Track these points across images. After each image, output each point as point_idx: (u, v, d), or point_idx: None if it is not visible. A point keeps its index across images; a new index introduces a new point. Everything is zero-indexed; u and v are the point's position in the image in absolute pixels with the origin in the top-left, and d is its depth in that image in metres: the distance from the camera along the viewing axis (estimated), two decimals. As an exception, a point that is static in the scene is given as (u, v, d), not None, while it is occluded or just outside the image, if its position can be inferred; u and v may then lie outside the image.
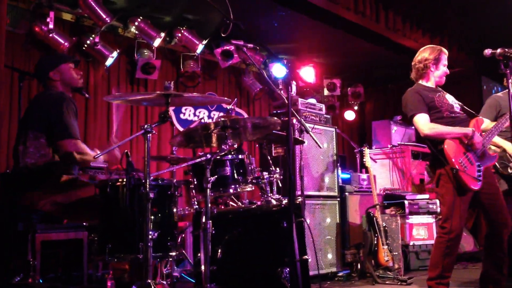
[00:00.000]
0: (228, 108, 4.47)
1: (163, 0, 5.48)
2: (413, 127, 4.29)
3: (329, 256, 4.79)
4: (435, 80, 3.62)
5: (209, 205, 2.79)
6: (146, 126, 2.45)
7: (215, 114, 6.75)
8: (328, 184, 4.97)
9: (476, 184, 3.28)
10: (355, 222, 5.18)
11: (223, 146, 2.99)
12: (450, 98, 3.60)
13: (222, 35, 2.76)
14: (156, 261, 3.26)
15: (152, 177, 2.66)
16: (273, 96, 7.19)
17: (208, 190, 2.78)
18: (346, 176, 5.52)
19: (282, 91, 6.59)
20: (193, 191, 3.37)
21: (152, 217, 2.56)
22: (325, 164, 4.98)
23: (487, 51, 3.64)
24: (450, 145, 3.31)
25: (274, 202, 3.25)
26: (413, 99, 3.51)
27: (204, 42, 6.03)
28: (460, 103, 3.70)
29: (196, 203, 3.44)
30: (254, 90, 7.10)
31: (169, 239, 2.79)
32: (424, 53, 3.63)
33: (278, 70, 6.98)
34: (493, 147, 4.25)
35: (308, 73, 7.51)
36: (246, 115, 7.12)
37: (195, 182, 3.29)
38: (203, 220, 2.77)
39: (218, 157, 3.23)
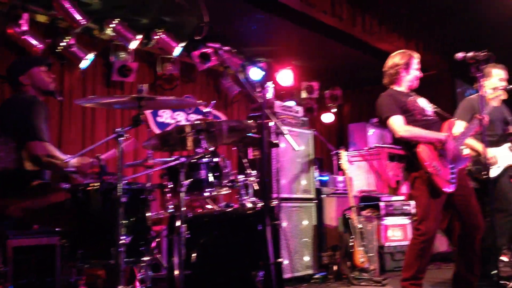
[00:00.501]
0: (206, 111, 4.46)
1: (139, 2, 5.44)
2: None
3: (306, 258, 4.81)
4: (407, 84, 3.67)
5: (184, 208, 2.78)
6: (118, 129, 2.43)
7: (193, 117, 6.73)
8: (305, 187, 4.99)
9: (449, 186, 3.34)
10: (332, 224, 5.22)
11: (197, 150, 2.99)
12: (422, 102, 3.66)
13: (196, 37, 2.74)
14: (132, 266, 3.23)
15: (125, 181, 2.64)
16: (251, 99, 7.20)
17: (182, 193, 2.77)
18: (323, 178, 5.56)
19: (259, 94, 6.63)
20: (168, 194, 3.35)
21: (125, 221, 2.52)
22: (302, 167, 5.00)
23: (459, 55, 3.71)
24: (424, 148, 3.36)
25: (249, 205, 3.25)
26: (386, 102, 3.56)
27: (182, 44, 6.00)
28: (434, 106, 3.76)
29: (171, 207, 3.42)
30: (232, 92, 7.11)
31: (142, 244, 2.77)
32: (394, 59, 3.68)
33: (256, 72, 6.99)
34: (467, 150, 4.31)
35: (286, 76, 7.55)
36: (224, 118, 7.11)
37: (170, 186, 3.27)
38: (178, 224, 2.77)
39: (193, 160, 3.23)
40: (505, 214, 4.14)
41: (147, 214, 2.86)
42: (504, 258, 5.16)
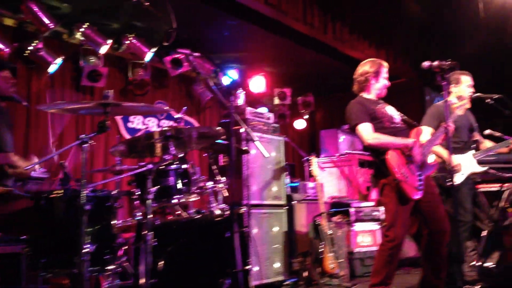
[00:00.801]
0: (177, 117, 4.44)
1: (110, 7, 5.38)
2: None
3: (276, 264, 4.81)
4: (376, 92, 3.73)
5: (150, 216, 2.75)
6: (82, 136, 2.39)
7: (165, 123, 6.68)
8: (275, 193, 4.99)
9: (417, 193, 3.39)
10: (303, 230, 5.24)
11: (165, 156, 2.97)
12: (390, 109, 3.72)
13: (164, 43, 2.73)
14: (98, 275, 3.18)
15: (90, 189, 2.60)
16: (223, 105, 7.20)
17: (149, 201, 2.74)
18: (294, 184, 5.58)
19: (230, 100, 6.64)
20: (136, 202, 3.31)
21: (89, 229, 2.48)
22: (273, 173, 5.00)
23: (425, 64, 3.79)
24: (392, 155, 3.41)
25: (217, 212, 3.24)
26: (356, 109, 3.60)
27: (153, 50, 5.96)
28: (401, 114, 3.82)
29: (139, 214, 3.38)
30: (204, 98, 7.09)
31: (107, 252, 2.73)
32: (364, 67, 3.74)
33: (228, 79, 7.01)
34: (434, 157, 4.38)
35: (258, 82, 7.58)
36: (196, 124, 7.09)
37: (138, 193, 3.24)
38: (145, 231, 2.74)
39: (161, 167, 3.21)
40: (460, 223, 4.22)
41: (112, 222, 2.81)
42: (475, 263, 5.26)
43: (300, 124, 8.69)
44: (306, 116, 8.72)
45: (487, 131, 4.75)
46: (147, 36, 5.81)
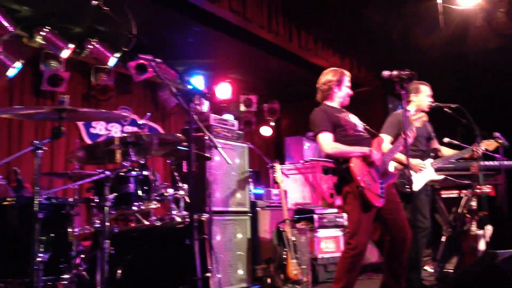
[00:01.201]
0: (141, 123, 4.39)
1: (72, 11, 5.29)
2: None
3: (240, 271, 4.79)
4: (339, 100, 3.79)
5: (108, 224, 2.71)
6: (36, 142, 2.34)
7: (129, 129, 6.59)
8: (239, 200, 4.98)
9: (379, 201, 3.45)
10: (266, 237, 5.24)
11: (124, 163, 2.93)
12: (353, 118, 3.78)
13: (124, 49, 2.70)
14: (53, 284, 3.09)
15: (45, 196, 2.54)
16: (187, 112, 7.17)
17: (106, 208, 2.70)
18: (258, 191, 5.59)
19: (195, 107, 6.62)
20: (95, 209, 3.25)
21: (43, 238, 2.42)
22: (237, 180, 5.00)
23: (385, 73, 3.87)
24: (356, 163, 3.45)
25: (178, 219, 3.21)
26: (319, 117, 3.64)
27: (117, 54, 5.89)
28: (363, 123, 3.88)
29: (97, 221, 3.32)
30: (170, 105, 7.04)
31: (62, 261, 2.66)
32: (327, 76, 3.79)
33: (194, 85, 6.99)
34: (394, 164, 4.47)
35: (224, 89, 7.58)
36: (161, 130, 7.02)
37: (97, 200, 3.18)
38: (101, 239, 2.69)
39: (121, 173, 3.16)
40: (419, 229, 4.32)
41: (69, 230, 2.75)
42: (427, 268, 5.38)
43: (266, 131, 8.72)
44: (272, 123, 8.76)
45: (446, 139, 4.87)
46: (110, 41, 5.74)
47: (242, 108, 8.06)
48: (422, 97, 4.59)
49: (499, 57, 6.70)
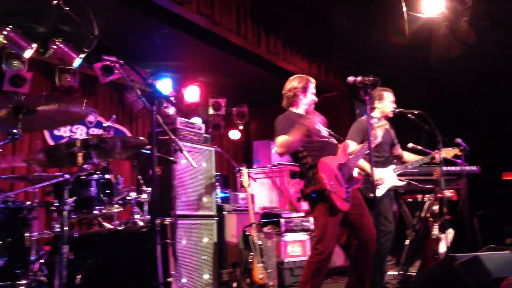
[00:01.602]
0: (106, 125, 4.32)
1: (36, 10, 5.17)
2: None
3: (205, 276, 4.76)
4: (304, 107, 3.82)
5: (66, 228, 2.64)
6: (-10, 144, 2.27)
7: (94, 131, 6.47)
8: (205, 204, 4.96)
9: (345, 205, 3.49)
10: (233, 241, 5.23)
11: (85, 166, 2.87)
12: (318, 125, 3.80)
13: (86, 50, 2.65)
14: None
15: (1, 199, 2.46)
16: (159, 114, 7.09)
17: (65, 212, 2.64)
18: (225, 195, 5.57)
19: (165, 109, 6.56)
20: (55, 213, 3.18)
21: (0, 242, 2.34)
22: (204, 184, 4.97)
23: (350, 79, 3.93)
24: (323, 168, 3.48)
25: (141, 223, 3.17)
26: (282, 123, 3.66)
27: (82, 55, 5.78)
28: (328, 130, 3.92)
29: (57, 226, 3.24)
30: (137, 107, 6.95)
31: (19, 266, 2.58)
32: (293, 82, 3.83)
33: (162, 87, 6.93)
34: (357, 171, 4.52)
35: (193, 92, 7.54)
36: (128, 133, 6.92)
37: (56, 204, 3.11)
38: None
39: (82, 177, 3.10)
40: (383, 233, 4.40)
41: (26, 234, 2.67)
42: (391, 272, 5.47)
43: (234, 134, 8.71)
44: (241, 127, 8.76)
45: (410, 145, 4.97)
46: (75, 41, 5.63)
47: (211, 111, 8.02)
48: (385, 103, 4.68)
49: (461, 65, 6.88)
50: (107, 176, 3.15)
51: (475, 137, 6.34)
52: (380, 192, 4.37)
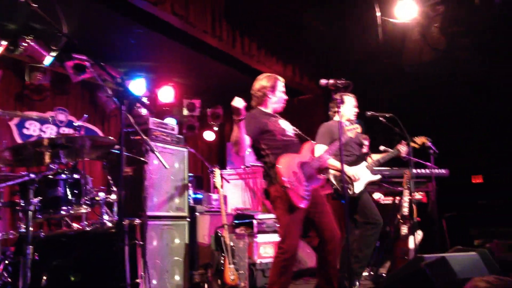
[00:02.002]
0: (76, 124, 4.26)
1: (3, 7, 5.05)
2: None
3: (177, 277, 4.74)
4: (273, 106, 3.84)
5: (31, 228, 2.60)
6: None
7: (65, 130, 6.37)
8: (178, 205, 4.93)
9: (303, 202, 3.49)
10: (205, 242, 5.21)
11: (51, 165, 2.83)
12: (283, 123, 3.83)
13: (54, 48, 2.61)
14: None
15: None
16: (130, 114, 7.01)
17: (30, 212, 2.59)
18: (198, 196, 5.55)
19: (138, 109, 6.50)
20: (20, 213, 3.12)
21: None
22: (176, 185, 4.94)
23: (322, 81, 3.98)
24: (283, 164, 3.50)
25: (109, 224, 3.13)
26: (246, 122, 3.65)
27: (53, 53, 5.67)
28: (295, 128, 3.94)
29: (23, 226, 3.18)
30: (109, 106, 6.87)
31: (-20, 267, 2.53)
32: (261, 82, 3.84)
33: (135, 87, 6.88)
34: (332, 171, 4.57)
35: (167, 93, 7.50)
36: (100, 133, 6.83)
37: (22, 204, 3.05)
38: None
39: (50, 176, 3.05)
40: (371, 226, 4.48)
41: (-12, 235, 2.62)
42: (364, 273, 5.53)
43: (209, 135, 8.69)
44: (216, 128, 8.74)
45: (382, 148, 5.05)
46: (45, 39, 5.53)
47: (185, 112, 7.98)
48: (347, 107, 4.76)
49: (433, 70, 7.02)
50: (75, 176, 3.11)
51: (445, 140, 6.47)
52: (358, 188, 4.44)
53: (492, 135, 8.40)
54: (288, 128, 3.81)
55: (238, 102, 3.38)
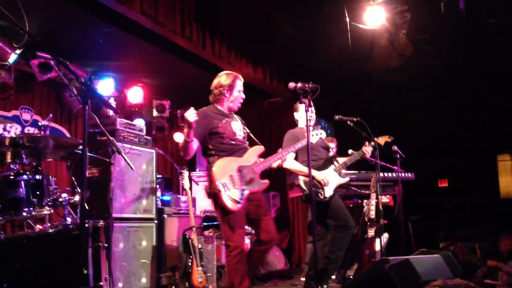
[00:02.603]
0: (41, 124, 4.15)
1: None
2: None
3: (143, 280, 4.68)
4: (228, 105, 3.83)
5: (-10, 230, 2.52)
6: None
7: (30, 130, 6.21)
8: (145, 206, 4.88)
9: (235, 206, 3.50)
10: (173, 244, 5.16)
11: (12, 166, 2.75)
12: (235, 125, 3.81)
13: (16, 46, 2.54)
14: None
15: None
16: (98, 114, 6.89)
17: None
18: (166, 198, 5.50)
19: (107, 110, 6.38)
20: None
21: None
22: (143, 186, 4.89)
23: (291, 84, 4.00)
24: (218, 167, 3.53)
25: (73, 226, 3.07)
26: (198, 120, 3.58)
27: (18, 51, 5.51)
28: (247, 131, 3.94)
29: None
30: (76, 106, 6.72)
31: None
32: (220, 79, 3.83)
33: (103, 87, 6.77)
34: (302, 178, 4.58)
35: (136, 93, 7.40)
36: (67, 133, 6.69)
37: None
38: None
39: (11, 177, 2.97)
40: (343, 228, 4.52)
41: None
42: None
43: (179, 137, 8.61)
44: (186, 130, 8.67)
45: (350, 151, 5.10)
46: (9, 36, 5.38)
47: (155, 113, 7.89)
48: (301, 114, 4.82)
49: (400, 76, 7.15)
50: (37, 176, 3.03)
51: (412, 145, 6.60)
52: (328, 192, 4.48)
53: (458, 139, 8.63)
54: (239, 131, 3.80)
55: (191, 116, 3.38)
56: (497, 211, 8.89)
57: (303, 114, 4.70)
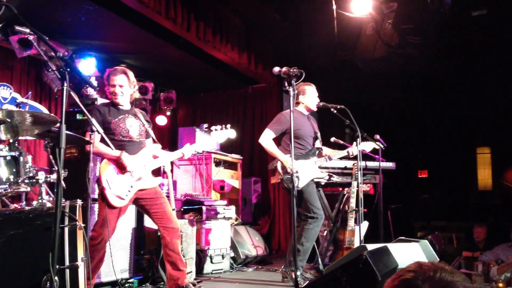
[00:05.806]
0: (20, 101, 4.05)
1: None
2: (216, 136, 4.49)
3: (122, 262, 4.63)
4: (113, 100, 3.91)
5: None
6: None
7: (7, 107, 6.07)
8: (124, 188, 4.81)
9: (119, 202, 3.64)
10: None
11: (-13, 141, 2.67)
12: (131, 122, 3.88)
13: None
14: None
15: None
16: (78, 94, 6.77)
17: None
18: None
19: (86, 89, 6.28)
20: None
21: None
22: (124, 168, 4.82)
23: (275, 69, 3.98)
24: (104, 165, 3.64)
25: (49, 204, 3.01)
26: (93, 116, 3.67)
27: (-3, 26, 5.39)
28: (144, 129, 3.97)
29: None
30: (57, 86, 6.60)
31: None
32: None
33: (85, 67, 6.65)
34: (280, 163, 4.57)
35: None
36: (46, 111, 6.56)
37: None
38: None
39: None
40: (312, 220, 4.53)
41: None
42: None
43: (161, 120, 8.54)
44: (168, 113, 8.59)
45: (332, 139, 5.10)
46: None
47: (137, 95, 7.75)
48: (308, 97, 4.78)
49: (384, 65, 7.16)
50: (13, 153, 2.96)
51: (394, 134, 6.64)
52: (302, 183, 4.47)
53: (439, 132, 8.71)
54: (133, 127, 3.86)
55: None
56: (475, 203, 9.04)
57: (309, 99, 4.71)
